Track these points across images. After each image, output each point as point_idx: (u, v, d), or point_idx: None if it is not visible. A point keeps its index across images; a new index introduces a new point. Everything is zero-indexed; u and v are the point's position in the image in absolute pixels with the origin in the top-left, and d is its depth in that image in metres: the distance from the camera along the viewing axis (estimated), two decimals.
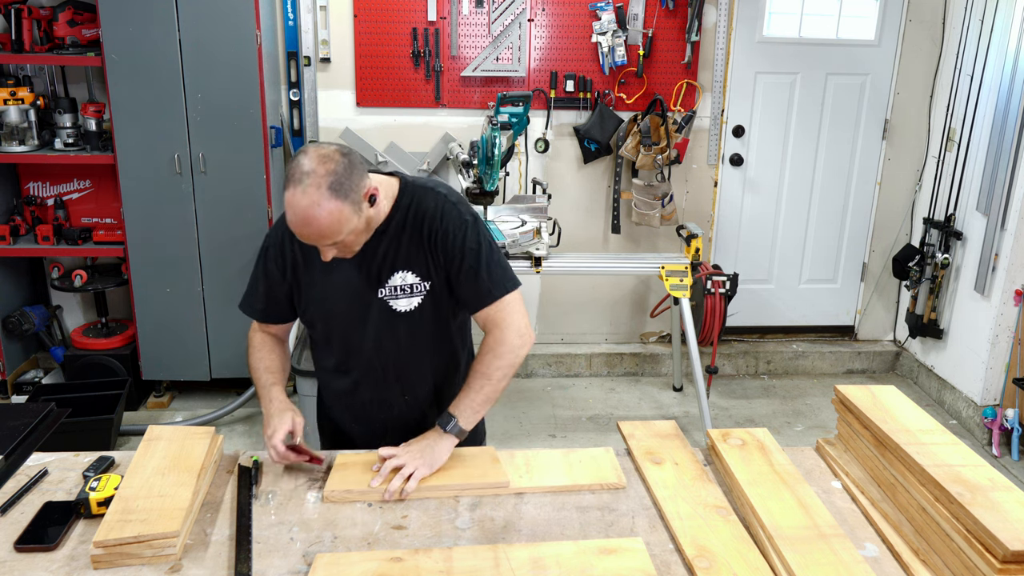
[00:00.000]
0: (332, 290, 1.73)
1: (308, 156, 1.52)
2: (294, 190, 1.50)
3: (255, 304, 1.84)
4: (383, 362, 1.78)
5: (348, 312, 1.75)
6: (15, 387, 3.88)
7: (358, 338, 1.76)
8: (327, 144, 1.57)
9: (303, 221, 1.51)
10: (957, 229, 3.96)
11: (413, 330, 1.76)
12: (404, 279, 1.71)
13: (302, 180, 1.49)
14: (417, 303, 1.73)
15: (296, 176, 1.50)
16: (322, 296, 1.75)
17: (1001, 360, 3.76)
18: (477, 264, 1.69)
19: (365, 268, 1.71)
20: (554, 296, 4.38)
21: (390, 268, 1.71)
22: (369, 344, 1.76)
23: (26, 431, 1.67)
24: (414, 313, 1.74)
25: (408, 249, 1.70)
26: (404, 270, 1.71)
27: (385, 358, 1.78)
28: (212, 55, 3.42)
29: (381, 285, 1.71)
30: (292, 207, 1.51)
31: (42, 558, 1.35)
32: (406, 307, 1.73)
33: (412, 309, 1.73)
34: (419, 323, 1.75)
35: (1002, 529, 1.23)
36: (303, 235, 1.55)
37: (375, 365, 1.79)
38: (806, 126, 4.32)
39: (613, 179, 4.21)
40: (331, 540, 1.42)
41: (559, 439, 3.77)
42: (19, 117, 3.53)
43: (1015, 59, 3.55)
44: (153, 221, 3.59)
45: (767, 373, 4.54)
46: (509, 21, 3.94)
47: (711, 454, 1.74)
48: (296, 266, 1.75)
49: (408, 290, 1.72)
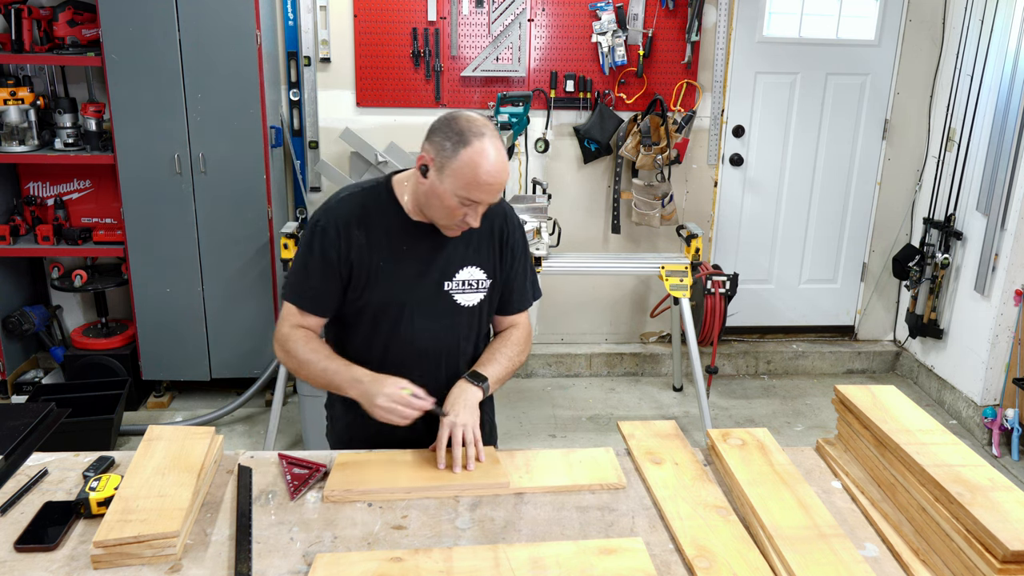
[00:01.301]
0: (400, 279, 1.72)
1: (469, 114, 1.58)
2: (482, 141, 1.54)
3: (305, 292, 1.73)
4: (437, 354, 1.79)
5: (411, 302, 1.74)
6: (15, 387, 3.88)
7: (415, 328, 1.75)
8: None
9: (500, 168, 1.56)
10: (957, 229, 3.96)
11: (470, 324, 1.81)
12: (471, 274, 1.76)
13: (484, 132, 1.55)
14: (479, 299, 1.79)
15: (476, 129, 1.55)
16: (388, 284, 1.71)
17: (1001, 360, 3.76)
18: (525, 270, 1.84)
19: (435, 260, 1.73)
20: (554, 296, 4.38)
21: (459, 263, 1.75)
22: (427, 335, 1.76)
23: (26, 431, 1.67)
24: (475, 308, 1.79)
25: (479, 246, 1.76)
26: (473, 266, 1.76)
27: (439, 350, 1.79)
28: (212, 55, 3.42)
29: (448, 279, 1.75)
30: (486, 156, 1.54)
31: (42, 558, 1.35)
32: (469, 302, 1.78)
33: (474, 304, 1.79)
34: (476, 318, 1.81)
35: (1002, 529, 1.23)
36: (493, 185, 1.57)
37: (428, 356, 1.78)
38: (806, 126, 4.32)
39: (613, 179, 4.21)
40: (331, 540, 1.42)
41: (559, 439, 3.77)
42: (19, 117, 3.53)
43: (1015, 59, 3.55)
44: (153, 221, 3.59)
45: (767, 373, 4.54)
46: (509, 21, 3.94)
47: (711, 454, 1.74)
48: (361, 250, 1.69)
49: (474, 285, 1.77)
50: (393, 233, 1.70)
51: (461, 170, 1.56)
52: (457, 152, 1.55)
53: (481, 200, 1.60)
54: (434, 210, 1.65)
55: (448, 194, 1.59)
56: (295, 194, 4.06)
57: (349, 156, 4.02)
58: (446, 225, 1.67)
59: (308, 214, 4.07)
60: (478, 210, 1.63)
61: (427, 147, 1.61)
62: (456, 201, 1.59)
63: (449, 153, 1.56)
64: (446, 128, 1.58)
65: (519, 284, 1.84)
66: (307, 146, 4.02)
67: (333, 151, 4.03)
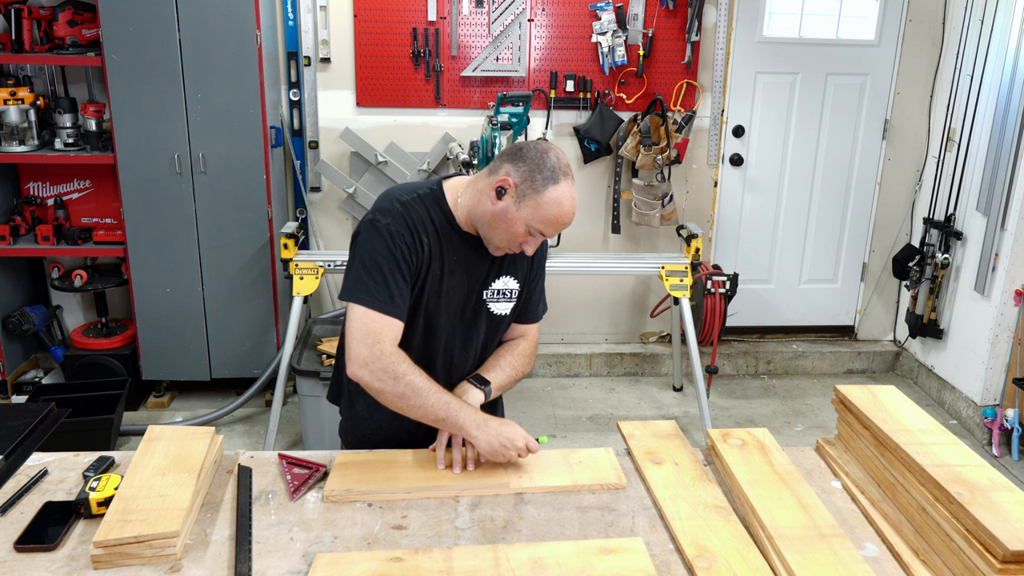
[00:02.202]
0: (449, 288, 1.72)
1: (559, 152, 1.62)
2: (566, 183, 1.59)
3: (393, 300, 1.61)
4: (466, 360, 1.80)
5: (454, 311, 1.74)
6: (15, 387, 3.88)
7: (449, 335, 1.76)
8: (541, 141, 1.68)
9: (574, 211, 1.62)
10: (957, 229, 3.96)
11: (497, 332, 1.83)
12: (506, 284, 1.78)
13: (569, 173, 1.61)
14: (510, 308, 1.81)
15: (564, 170, 1.60)
16: (438, 292, 1.70)
17: (1001, 360, 3.76)
18: (542, 280, 1.88)
19: (478, 270, 1.74)
20: (554, 296, 4.36)
21: (497, 272, 1.76)
22: (458, 341, 1.77)
23: (26, 431, 1.67)
24: (504, 317, 1.82)
25: (514, 255, 1.76)
26: (508, 275, 1.77)
27: (468, 356, 1.80)
28: (212, 55, 3.42)
29: (486, 287, 1.76)
30: (567, 198, 1.59)
31: (42, 558, 1.35)
32: (502, 311, 1.80)
33: (505, 314, 1.81)
34: (504, 326, 1.84)
35: (1002, 529, 1.23)
36: (563, 224, 1.62)
37: (458, 363, 1.79)
38: (806, 126, 4.32)
39: (613, 179, 4.21)
40: (331, 540, 1.42)
41: (559, 439, 3.77)
42: (19, 117, 3.53)
43: (1015, 59, 3.55)
44: (153, 221, 3.59)
45: (767, 373, 4.54)
46: (509, 21, 3.94)
47: (711, 454, 1.74)
48: (426, 256, 1.66)
49: (508, 295, 1.79)
50: (447, 241, 1.69)
51: (545, 206, 1.58)
52: (546, 188, 1.57)
53: (548, 234, 1.64)
54: (497, 232, 1.63)
55: (520, 222, 1.60)
56: (295, 194, 4.06)
57: (349, 156, 4.02)
58: (498, 246, 1.67)
59: (308, 214, 4.07)
60: (538, 242, 1.66)
61: (511, 171, 1.59)
62: (525, 230, 1.61)
63: (538, 186, 1.57)
64: (538, 160, 1.58)
65: (537, 295, 1.88)
66: (307, 146, 4.02)
67: (333, 151, 4.03)
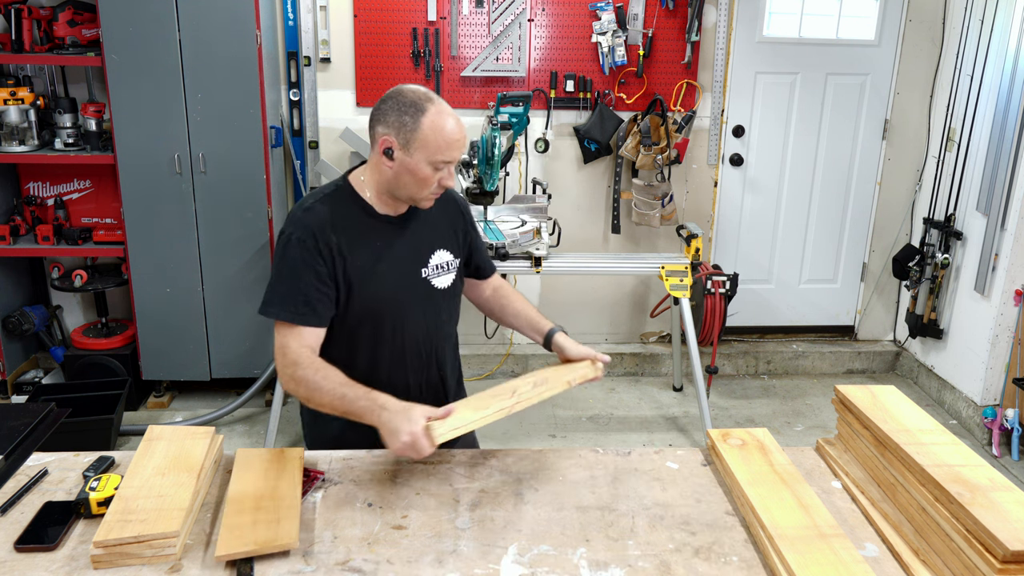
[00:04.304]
0: (383, 276, 1.71)
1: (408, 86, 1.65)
2: (433, 106, 1.61)
3: (299, 308, 1.63)
4: (427, 343, 1.81)
5: (397, 296, 1.74)
6: (15, 387, 3.88)
7: (404, 321, 1.76)
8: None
9: (460, 123, 1.64)
10: (957, 229, 3.96)
11: (448, 306, 1.86)
12: (442, 257, 1.81)
13: (431, 96, 1.63)
14: (451, 280, 1.83)
15: (423, 96, 1.62)
16: (374, 283, 1.70)
17: (1001, 360, 3.76)
18: (478, 237, 1.93)
19: (410, 249, 1.76)
20: (554, 296, 4.38)
21: (429, 247, 1.78)
22: (414, 326, 1.78)
23: (26, 431, 1.67)
24: (448, 290, 1.83)
25: (443, 228, 1.81)
26: (441, 248, 1.80)
27: (429, 338, 1.81)
28: (212, 55, 3.42)
29: (424, 265, 1.78)
30: (446, 115, 1.62)
31: (42, 558, 1.35)
32: (443, 284, 1.81)
33: (448, 286, 1.83)
34: (451, 299, 1.86)
35: (1002, 529, 1.23)
36: (459, 140, 1.64)
37: (420, 348, 1.80)
38: (806, 126, 4.32)
39: (613, 179, 4.21)
40: (331, 540, 1.42)
41: (559, 439, 3.77)
42: (19, 117, 3.53)
43: (1015, 59, 3.55)
44: (153, 221, 3.59)
45: (767, 373, 4.54)
46: (509, 21, 3.94)
47: (711, 454, 1.74)
48: (343, 255, 1.66)
49: (445, 267, 1.82)
50: (365, 231, 1.70)
51: (429, 137, 1.61)
52: (418, 122, 1.60)
53: (453, 159, 1.66)
54: (409, 187, 1.67)
55: (421, 165, 1.63)
56: (295, 194, 4.06)
57: (349, 156, 4.02)
58: (422, 197, 1.69)
59: None
60: (450, 170, 1.68)
61: (383, 131, 1.64)
62: (430, 169, 1.64)
63: (411, 126, 1.61)
64: (396, 106, 1.62)
65: (482, 251, 1.95)
66: (307, 146, 4.02)
67: (333, 151, 4.03)
